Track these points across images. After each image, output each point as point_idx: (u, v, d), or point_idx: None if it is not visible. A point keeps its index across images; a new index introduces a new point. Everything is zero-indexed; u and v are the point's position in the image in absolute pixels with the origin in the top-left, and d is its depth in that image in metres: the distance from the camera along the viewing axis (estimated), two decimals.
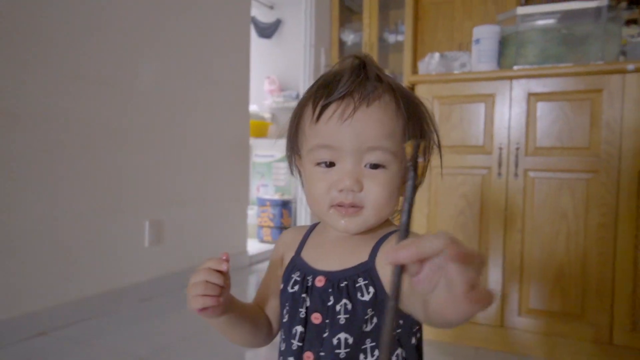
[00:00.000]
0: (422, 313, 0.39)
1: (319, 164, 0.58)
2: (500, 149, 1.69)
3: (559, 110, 1.61)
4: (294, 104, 4.46)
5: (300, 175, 0.65)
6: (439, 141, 0.62)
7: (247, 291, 2.71)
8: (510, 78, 1.66)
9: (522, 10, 1.69)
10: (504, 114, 1.69)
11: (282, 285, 0.63)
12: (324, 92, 0.57)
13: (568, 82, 1.59)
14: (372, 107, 0.55)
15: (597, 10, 1.59)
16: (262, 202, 3.82)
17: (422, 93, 1.79)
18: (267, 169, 4.04)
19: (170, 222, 2.40)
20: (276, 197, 3.85)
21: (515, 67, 1.68)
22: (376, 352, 0.56)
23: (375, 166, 0.56)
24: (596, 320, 1.58)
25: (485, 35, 1.72)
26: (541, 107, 1.64)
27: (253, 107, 3.87)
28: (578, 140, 1.58)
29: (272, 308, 0.67)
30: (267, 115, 4.63)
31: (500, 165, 1.69)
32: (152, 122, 2.28)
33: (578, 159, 1.59)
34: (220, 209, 2.80)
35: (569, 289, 1.61)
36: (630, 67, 1.49)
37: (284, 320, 0.61)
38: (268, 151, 4.03)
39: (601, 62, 1.59)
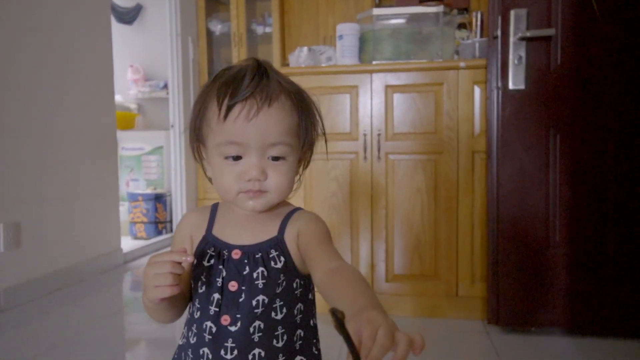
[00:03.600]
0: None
1: (227, 158, 0.66)
2: (365, 135, 1.89)
3: (411, 100, 1.85)
4: (161, 94, 4.30)
5: (201, 161, 0.73)
6: (324, 130, 0.73)
7: (123, 290, 2.61)
8: (371, 72, 1.87)
9: (377, 11, 1.90)
10: (366, 103, 1.89)
11: (195, 261, 0.70)
12: (227, 91, 0.64)
13: (417, 76, 1.84)
14: (272, 107, 0.64)
15: (436, 15, 1.86)
16: (133, 197, 3.65)
17: None
18: (137, 162, 3.85)
19: (29, 223, 2.20)
20: (148, 191, 3.70)
21: (373, 62, 1.88)
22: (284, 310, 0.67)
23: (276, 158, 0.66)
24: (446, 278, 1.87)
25: (347, 32, 1.89)
26: (397, 98, 1.87)
27: (117, 98, 3.65)
28: (426, 127, 1.85)
29: (186, 283, 0.73)
30: (133, 106, 4.39)
31: (365, 150, 1.89)
32: (3, 115, 2.06)
33: (427, 142, 1.85)
34: (88, 206, 2.63)
35: (425, 254, 1.89)
36: (462, 64, 1.78)
37: (200, 290, 0.69)
38: (136, 144, 3.85)
39: (440, 59, 1.87)
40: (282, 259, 0.67)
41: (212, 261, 0.69)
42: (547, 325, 1.71)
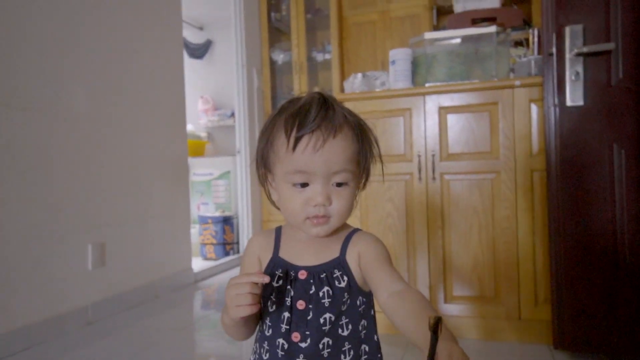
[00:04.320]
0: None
1: (295, 185, 0.71)
2: (419, 156, 1.92)
3: (465, 121, 1.86)
4: (229, 122, 4.56)
5: (268, 187, 0.78)
6: (380, 155, 0.78)
7: (194, 307, 2.77)
8: (423, 94, 1.90)
9: (429, 35, 1.95)
10: (420, 125, 1.92)
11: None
12: (294, 123, 0.69)
13: (470, 97, 1.85)
14: (337, 138, 0.70)
15: (490, 35, 1.87)
16: (203, 220, 3.87)
17: None
18: (207, 187, 4.10)
19: (112, 243, 2.42)
20: (217, 214, 3.91)
21: (426, 85, 1.92)
22: (350, 326, 0.72)
23: (339, 184, 0.71)
24: (507, 300, 1.83)
25: (399, 57, 1.95)
26: (450, 119, 1.89)
27: (189, 127, 3.93)
28: (482, 146, 1.84)
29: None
30: (203, 135, 4.69)
31: (420, 170, 1.92)
32: (88, 145, 2.31)
33: (483, 162, 1.84)
34: (162, 228, 2.84)
35: (484, 275, 1.86)
36: (517, 83, 1.77)
37: (271, 309, 0.74)
38: (206, 169, 4.09)
39: (495, 79, 1.86)
40: (345, 278, 0.72)
41: (280, 282, 0.74)
42: (618, 351, 1.61)
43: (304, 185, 0.71)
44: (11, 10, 1.95)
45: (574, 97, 1.64)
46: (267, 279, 0.65)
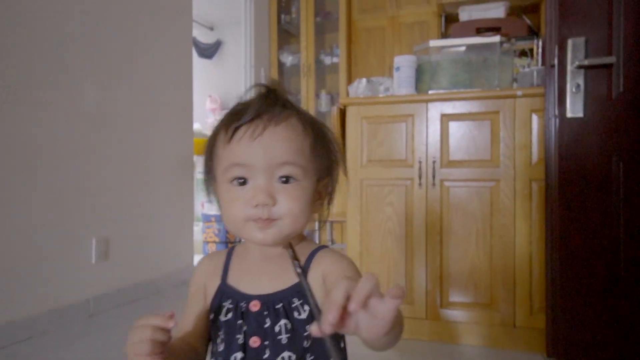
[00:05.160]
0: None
1: (232, 181, 0.62)
2: (420, 162, 1.94)
3: (466, 128, 1.88)
4: None
5: (218, 200, 0.68)
6: (344, 159, 0.73)
7: None
8: (426, 101, 1.93)
9: (434, 43, 1.97)
10: (422, 132, 1.94)
11: (212, 315, 0.64)
12: (233, 115, 0.63)
13: (472, 105, 1.87)
14: (280, 126, 0.61)
15: (494, 45, 1.90)
16: (207, 218, 3.91)
17: (352, 114, 2.01)
18: None
19: (116, 238, 2.46)
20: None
21: (430, 92, 1.94)
22: None
23: (286, 180, 0.61)
24: (502, 307, 1.84)
25: (404, 64, 1.98)
26: (452, 126, 1.91)
27: (196, 125, 3.98)
28: (482, 154, 1.87)
29: (201, 339, 0.66)
30: (209, 134, 4.73)
31: (420, 176, 1.94)
32: (96, 141, 2.36)
33: (483, 170, 1.86)
34: (166, 225, 2.88)
35: (481, 282, 1.88)
36: (519, 92, 1.79)
37: (220, 349, 0.62)
38: None
39: (498, 88, 1.89)
40: (307, 307, 0.60)
41: (229, 315, 0.62)
42: None
43: (243, 182, 0.61)
44: (23, 8, 2.00)
45: (574, 108, 1.66)
46: (171, 324, 0.54)
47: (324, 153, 0.67)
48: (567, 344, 1.67)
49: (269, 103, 0.63)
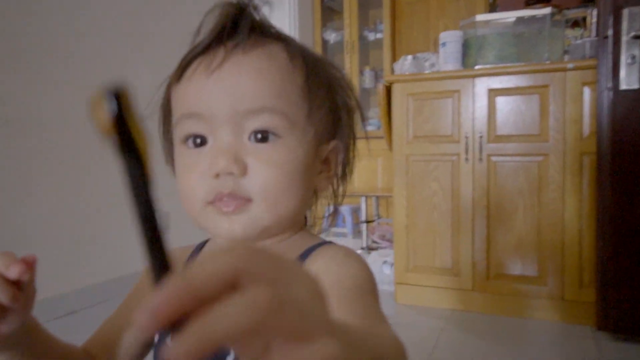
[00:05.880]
0: None
1: (186, 142, 0.43)
2: (467, 137, 1.95)
3: (514, 103, 1.88)
4: None
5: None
6: (362, 114, 0.50)
7: None
8: (473, 76, 1.93)
9: (480, 17, 1.95)
10: (468, 107, 1.95)
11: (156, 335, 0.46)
12: (190, 52, 0.45)
13: (520, 79, 1.86)
14: (250, 55, 0.42)
15: (544, 17, 1.86)
16: None
17: (398, 91, 2.04)
18: None
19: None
20: None
21: (476, 67, 1.94)
22: None
23: (263, 137, 0.41)
24: (550, 280, 1.86)
25: (450, 39, 1.97)
26: (499, 101, 1.90)
27: None
28: (530, 129, 1.86)
29: (123, 356, 0.48)
30: None
31: (467, 151, 1.96)
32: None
33: (531, 144, 1.86)
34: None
35: (527, 256, 1.89)
36: (570, 65, 1.76)
37: None
38: None
39: (547, 61, 1.86)
40: None
41: None
42: None
43: (201, 142, 0.43)
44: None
45: (629, 80, 1.62)
46: (16, 272, 0.33)
47: (327, 100, 0.46)
48: (617, 318, 1.67)
49: (236, 24, 0.43)
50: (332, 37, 4.21)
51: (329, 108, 0.47)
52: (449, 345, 1.72)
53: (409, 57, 2.06)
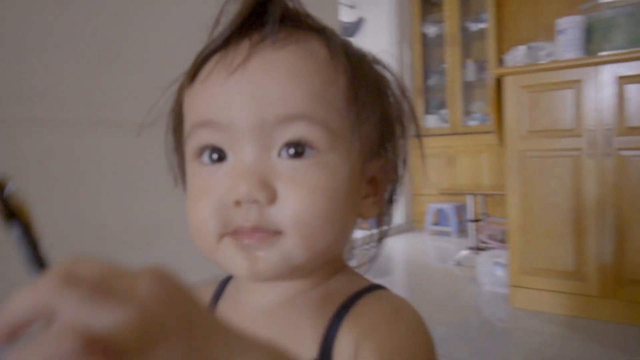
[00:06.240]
0: None
1: (200, 156, 0.36)
2: (590, 130, 1.80)
3: None
4: None
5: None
6: (417, 124, 0.42)
7: None
8: (596, 64, 1.77)
9: None
10: (590, 98, 1.79)
11: None
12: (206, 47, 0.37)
13: None
14: (282, 50, 0.34)
15: None
16: None
17: (510, 83, 1.93)
18: None
19: None
20: None
21: (602, 53, 1.78)
22: None
23: (297, 152, 0.33)
24: None
25: (569, 25, 1.83)
26: (630, 89, 1.73)
27: None
28: None
29: None
30: None
31: (591, 146, 1.80)
32: None
33: None
34: None
35: None
36: None
37: None
38: None
39: None
40: None
41: None
42: None
43: (217, 157, 0.35)
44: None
45: None
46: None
47: (376, 107, 0.38)
48: None
49: (264, 14, 0.35)
50: (431, 30, 4.12)
51: (378, 117, 0.38)
52: (572, 353, 1.60)
53: (522, 47, 1.95)
